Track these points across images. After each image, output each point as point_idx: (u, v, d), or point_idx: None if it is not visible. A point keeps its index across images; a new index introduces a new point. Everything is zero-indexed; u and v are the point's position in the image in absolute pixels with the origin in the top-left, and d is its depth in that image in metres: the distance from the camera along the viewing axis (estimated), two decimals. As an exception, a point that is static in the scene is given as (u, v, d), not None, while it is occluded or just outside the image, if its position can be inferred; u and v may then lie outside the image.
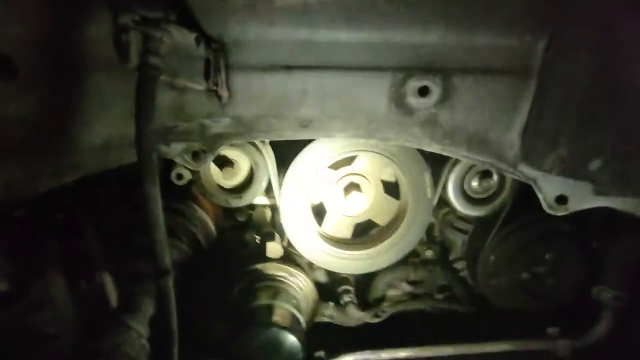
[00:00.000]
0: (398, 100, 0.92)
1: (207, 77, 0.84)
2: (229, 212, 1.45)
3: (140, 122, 0.71)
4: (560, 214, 1.01)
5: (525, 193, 1.28)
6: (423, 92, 0.91)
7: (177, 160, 0.94)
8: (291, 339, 1.10)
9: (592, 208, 1.38)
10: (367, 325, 1.46)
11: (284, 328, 1.11)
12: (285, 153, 1.26)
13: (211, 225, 1.43)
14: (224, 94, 0.87)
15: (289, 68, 0.87)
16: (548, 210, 1.01)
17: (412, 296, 1.51)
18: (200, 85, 0.85)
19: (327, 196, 1.33)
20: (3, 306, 0.84)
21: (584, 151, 0.90)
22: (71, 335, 0.91)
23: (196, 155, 0.94)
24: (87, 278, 1.08)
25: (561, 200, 1.00)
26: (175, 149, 0.93)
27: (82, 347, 0.91)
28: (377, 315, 1.42)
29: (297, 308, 1.22)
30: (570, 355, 1.32)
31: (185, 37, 0.76)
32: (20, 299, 0.84)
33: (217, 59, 0.82)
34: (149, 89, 0.72)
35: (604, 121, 0.88)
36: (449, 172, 1.28)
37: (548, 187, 0.99)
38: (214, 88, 0.86)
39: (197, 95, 0.88)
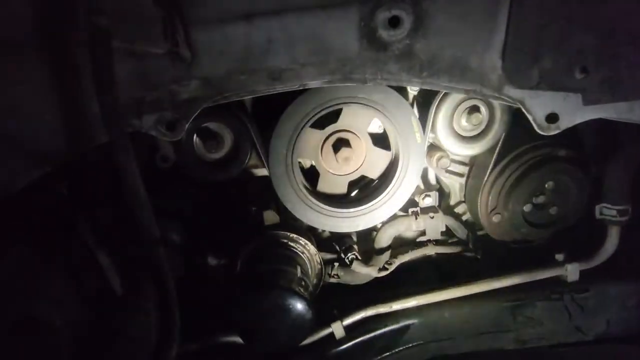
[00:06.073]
0: (369, 36, 0.87)
1: (164, 37, 0.80)
2: (225, 189, 1.43)
3: (99, 86, 0.68)
4: (552, 133, 0.98)
5: (517, 123, 1.25)
6: (394, 22, 0.86)
7: (152, 133, 0.91)
8: (298, 300, 1.10)
9: (587, 132, 1.37)
10: (376, 280, 1.45)
11: (290, 290, 1.10)
12: (269, 119, 1.22)
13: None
14: (186, 54, 0.83)
15: (249, 16, 0.83)
16: (539, 131, 0.98)
17: (417, 246, 1.50)
18: (159, 48, 0.81)
19: (317, 157, 1.30)
20: None
21: (568, 59, 0.86)
22: (74, 326, 0.90)
23: (171, 125, 0.91)
24: (86, 268, 1.07)
25: (552, 118, 0.97)
26: (148, 121, 0.90)
27: (91, 332, 0.91)
28: (384, 269, 1.41)
29: (302, 271, 1.22)
30: (581, 278, 1.32)
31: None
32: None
33: (172, 15, 0.78)
34: (102, 52, 0.68)
35: (584, 24, 0.83)
36: (436, 112, 1.25)
37: (537, 107, 0.96)
38: (175, 49, 0.82)
39: (159, 60, 0.84)
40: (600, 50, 0.85)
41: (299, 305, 1.10)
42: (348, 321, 1.31)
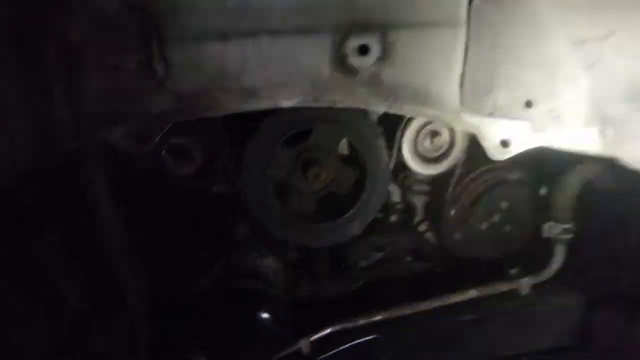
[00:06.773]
0: (340, 61, 0.93)
1: (138, 50, 0.80)
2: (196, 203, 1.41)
3: (69, 97, 0.67)
4: (504, 157, 1.07)
5: (475, 146, 1.35)
6: (363, 50, 0.92)
7: (121, 145, 0.90)
8: (265, 317, 1.09)
9: (539, 156, 1.50)
10: (344, 296, 1.47)
11: (259, 306, 1.10)
12: (241, 136, 1.24)
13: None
14: (159, 68, 0.84)
15: (224, 36, 0.86)
16: (492, 156, 1.07)
17: (384, 262, 1.55)
18: (132, 61, 0.82)
19: (287, 174, 1.32)
20: None
21: (516, 92, 0.95)
22: (39, 344, 0.85)
23: (140, 138, 0.91)
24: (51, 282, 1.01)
25: (504, 144, 1.06)
26: (117, 133, 0.89)
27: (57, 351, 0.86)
28: (351, 284, 1.44)
29: (270, 286, 1.22)
30: (532, 291, 1.42)
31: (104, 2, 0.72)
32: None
33: (146, 29, 0.79)
34: (73, 64, 0.68)
35: (531, 63, 0.93)
36: (402, 134, 1.32)
37: (491, 133, 1.05)
38: (148, 63, 0.83)
39: (131, 73, 0.84)
40: (543, 86, 0.95)
41: (267, 322, 1.09)
42: (315, 337, 1.31)
